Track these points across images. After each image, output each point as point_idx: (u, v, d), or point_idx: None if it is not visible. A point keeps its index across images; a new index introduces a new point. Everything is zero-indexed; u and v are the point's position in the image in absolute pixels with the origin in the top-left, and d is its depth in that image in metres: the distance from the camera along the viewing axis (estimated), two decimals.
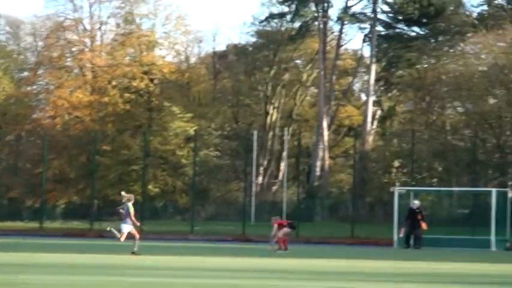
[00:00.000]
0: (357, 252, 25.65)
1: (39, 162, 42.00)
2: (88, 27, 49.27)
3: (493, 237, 26.48)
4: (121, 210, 19.76)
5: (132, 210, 19.56)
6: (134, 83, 46.71)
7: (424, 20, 47.34)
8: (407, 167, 41.02)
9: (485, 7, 48.08)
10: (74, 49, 48.84)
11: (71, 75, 48.90)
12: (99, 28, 49.45)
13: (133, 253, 19.42)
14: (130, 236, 19.89)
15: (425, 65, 48.18)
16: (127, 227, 19.64)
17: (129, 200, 19.84)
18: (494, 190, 28.39)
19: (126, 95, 46.85)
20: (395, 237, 27.18)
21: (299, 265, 18.98)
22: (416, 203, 27.69)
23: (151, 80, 47.81)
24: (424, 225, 26.71)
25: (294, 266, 18.58)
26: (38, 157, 42.81)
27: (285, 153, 44.53)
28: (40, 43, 48.74)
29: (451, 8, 47.79)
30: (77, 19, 48.74)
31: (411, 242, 26.44)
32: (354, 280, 15.13)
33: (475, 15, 48.64)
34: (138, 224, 20.45)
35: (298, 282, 14.47)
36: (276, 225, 22.65)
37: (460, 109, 46.72)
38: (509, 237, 27.10)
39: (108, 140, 45.42)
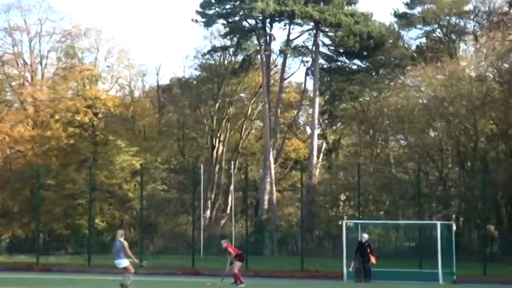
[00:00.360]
0: (307, 285, 25.80)
1: None
2: (28, 61, 48.87)
3: (440, 271, 26.74)
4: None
5: (126, 244, 19.56)
6: (78, 117, 46.36)
7: (365, 53, 48.48)
8: (354, 200, 41.64)
9: (423, 40, 49.48)
10: (13, 83, 48.61)
11: (11, 109, 48.37)
12: (40, 62, 49.19)
13: (121, 285, 19.34)
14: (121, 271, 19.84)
15: (368, 98, 49.27)
16: (125, 261, 19.58)
17: (122, 235, 19.86)
18: (439, 223, 28.75)
19: (70, 129, 46.46)
20: (344, 271, 27.32)
21: None
22: (365, 236, 27.92)
23: (95, 114, 47.50)
24: (373, 259, 26.95)
25: None
26: None
27: (232, 187, 44.59)
28: None
29: (391, 41, 49.22)
30: (16, 53, 48.35)
31: (362, 275, 26.66)
32: None
33: (414, 48, 49.98)
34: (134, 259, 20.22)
35: None
36: (231, 251, 22.59)
37: (402, 142, 47.73)
38: (455, 270, 27.49)
39: (53, 174, 44.78)
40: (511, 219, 41.21)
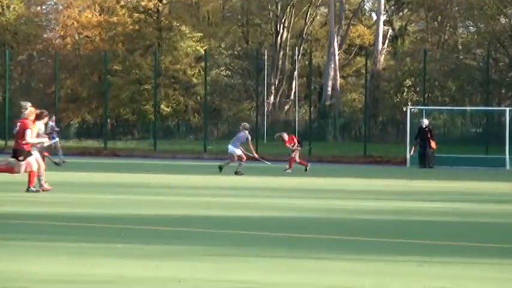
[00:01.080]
0: (370, 170, 26.10)
1: (51, 82, 42.29)
2: None
3: (507, 156, 26.86)
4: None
5: (250, 138, 22.28)
6: (143, 3, 46.50)
7: None
8: (419, 86, 41.17)
9: None
10: None
11: None
12: None
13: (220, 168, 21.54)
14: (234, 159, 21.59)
15: None
16: (239, 151, 21.79)
17: (247, 129, 22.21)
18: (508, 109, 28.56)
19: (135, 14, 46.74)
20: (408, 156, 27.51)
21: (313, 183, 19.40)
22: (425, 121, 27.86)
23: (160, 0, 47.57)
24: (433, 144, 27.02)
25: (308, 184, 19.01)
26: (50, 77, 43.07)
27: (296, 73, 44.58)
28: None
29: None
30: None
31: (425, 161, 26.76)
32: (367, 198, 15.59)
33: None
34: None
35: (310, 201, 14.89)
36: (295, 140, 23.08)
37: (472, 28, 46.62)
38: None
39: (119, 60, 45.56)
40: None
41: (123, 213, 12.13)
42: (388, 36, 48.50)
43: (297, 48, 45.06)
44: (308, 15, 50.49)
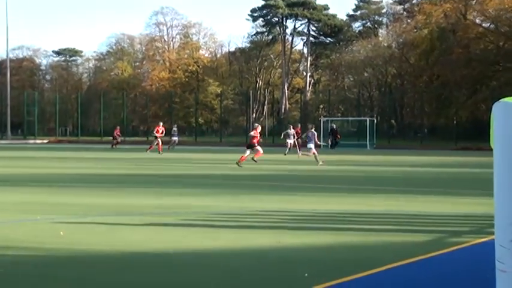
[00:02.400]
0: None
1: (144, 108, 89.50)
2: (166, 39, 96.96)
3: (368, 143, 47.27)
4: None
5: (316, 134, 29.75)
6: (189, 67, 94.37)
7: (333, 34, 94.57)
8: (326, 108, 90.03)
9: (361, 27, 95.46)
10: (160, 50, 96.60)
11: (158, 63, 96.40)
12: (172, 40, 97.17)
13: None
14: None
15: (334, 57, 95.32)
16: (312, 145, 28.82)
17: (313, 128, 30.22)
18: (368, 119, 58.06)
19: (186, 73, 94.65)
20: (322, 143, 69.48)
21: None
22: (333, 125, 49.91)
23: (198, 66, 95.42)
24: (338, 136, 48.74)
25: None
26: (144, 105, 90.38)
27: (266, 102, 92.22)
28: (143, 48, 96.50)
29: (345, 28, 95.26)
30: (161, 36, 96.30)
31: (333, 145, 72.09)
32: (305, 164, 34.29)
33: (356, 30, 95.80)
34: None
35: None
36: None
37: (351, 77, 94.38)
38: (375, 142, 52.52)
39: (178, 96, 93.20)
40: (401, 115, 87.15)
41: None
42: (311, 82, 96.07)
43: (266, 89, 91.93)
44: (271, 73, 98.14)
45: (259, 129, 28.55)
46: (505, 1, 66.39)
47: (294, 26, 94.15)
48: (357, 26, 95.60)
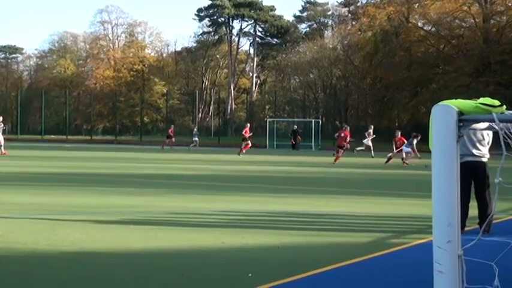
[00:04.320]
0: (251, 151, 71.11)
1: (89, 106, 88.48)
2: (111, 37, 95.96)
3: (313, 144, 52.05)
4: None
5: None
6: (135, 66, 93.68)
7: (279, 35, 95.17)
8: (272, 109, 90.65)
9: (307, 28, 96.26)
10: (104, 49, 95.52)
11: (103, 62, 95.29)
12: (117, 38, 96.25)
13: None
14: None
15: (280, 58, 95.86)
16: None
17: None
18: (313, 120, 69.95)
19: (131, 72, 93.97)
20: (267, 143, 74.01)
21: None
22: (295, 126, 61.04)
23: (144, 65, 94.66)
24: (299, 137, 59.04)
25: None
26: (88, 103, 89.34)
27: (212, 102, 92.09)
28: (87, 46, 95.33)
29: (292, 29, 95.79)
30: (105, 34, 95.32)
31: (295, 145, 73.54)
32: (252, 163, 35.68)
33: (303, 32, 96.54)
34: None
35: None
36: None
37: (297, 78, 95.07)
38: (320, 144, 54.33)
39: (123, 95, 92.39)
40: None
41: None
42: (258, 83, 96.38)
43: (212, 89, 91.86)
44: (218, 73, 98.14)
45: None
46: (445, 5, 67.74)
47: (241, 26, 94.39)
48: (303, 27, 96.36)
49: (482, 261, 2.73)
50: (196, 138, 49.48)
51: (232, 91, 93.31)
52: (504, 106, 2.89)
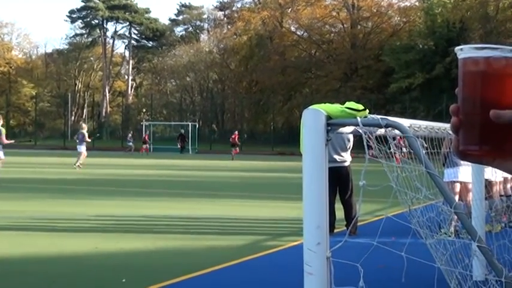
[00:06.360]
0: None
1: None
2: None
3: (190, 147, 54.38)
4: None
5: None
6: (0, 68, 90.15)
7: (155, 38, 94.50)
8: (149, 112, 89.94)
9: (183, 32, 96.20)
10: None
11: None
12: None
13: None
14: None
15: (156, 61, 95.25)
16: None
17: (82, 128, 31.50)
18: (190, 124, 75.30)
19: None
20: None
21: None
22: (182, 130, 73.80)
23: (11, 67, 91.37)
24: (186, 142, 71.08)
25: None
26: None
27: (85, 105, 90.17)
28: None
29: (168, 32, 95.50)
30: None
31: (182, 149, 73.03)
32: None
33: (179, 35, 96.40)
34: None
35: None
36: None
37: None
38: (198, 147, 70.09)
39: None
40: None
41: None
42: (134, 86, 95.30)
43: (86, 92, 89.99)
44: (92, 76, 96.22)
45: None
46: (316, 10, 69.59)
47: (115, 28, 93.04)
48: (179, 30, 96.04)
49: (349, 262, 2.82)
50: (131, 144, 50.05)
51: (107, 94, 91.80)
52: (367, 110, 3.00)
